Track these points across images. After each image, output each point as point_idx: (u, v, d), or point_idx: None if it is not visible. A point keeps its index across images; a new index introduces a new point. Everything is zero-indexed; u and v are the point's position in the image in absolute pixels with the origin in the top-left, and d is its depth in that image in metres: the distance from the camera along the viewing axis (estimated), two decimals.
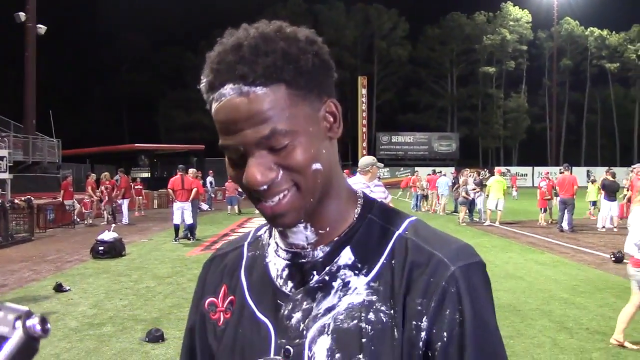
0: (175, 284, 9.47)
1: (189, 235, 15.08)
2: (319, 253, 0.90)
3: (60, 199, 19.97)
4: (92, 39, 63.09)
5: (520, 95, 69.30)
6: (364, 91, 57.93)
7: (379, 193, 6.89)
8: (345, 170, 27.89)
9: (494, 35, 67.27)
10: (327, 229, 0.90)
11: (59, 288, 8.90)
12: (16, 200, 16.39)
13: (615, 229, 16.60)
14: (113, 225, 15.20)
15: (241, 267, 0.99)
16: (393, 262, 0.86)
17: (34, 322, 0.62)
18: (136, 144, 36.92)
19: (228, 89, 0.80)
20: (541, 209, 19.02)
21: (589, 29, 68.88)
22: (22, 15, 26.42)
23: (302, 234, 0.89)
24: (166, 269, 10.94)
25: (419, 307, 0.82)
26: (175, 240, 14.70)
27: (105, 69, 63.34)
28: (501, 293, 8.30)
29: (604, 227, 16.98)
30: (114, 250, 12.42)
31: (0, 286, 9.52)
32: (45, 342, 6.26)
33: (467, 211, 19.83)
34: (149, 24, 63.90)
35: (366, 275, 0.86)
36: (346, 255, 0.88)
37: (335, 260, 0.89)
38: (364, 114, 58.21)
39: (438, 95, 69.22)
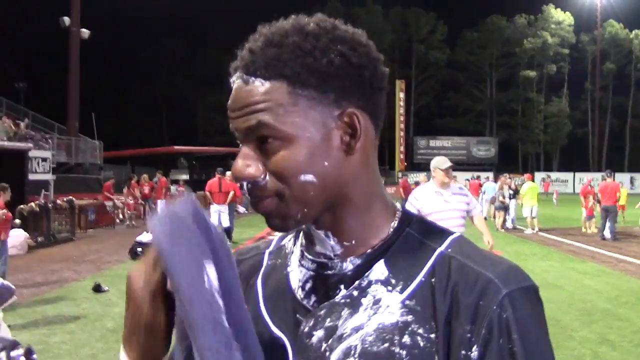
0: None
1: (225, 237, 15.17)
2: (349, 265, 0.81)
3: (102, 199, 20.44)
4: (134, 43, 64.37)
5: (561, 99, 68.00)
6: (402, 95, 57.68)
7: (455, 203, 5.59)
8: (402, 179, 27.62)
9: (534, 38, 66.23)
10: (353, 242, 0.82)
11: (97, 288, 9.05)
12: (58, 201, 16.76)
13: None
14: None
15: (259, 275, 0.91)
16: (433, 280, 0.77)
17: (18, 354, 0.61)
18: (175, 147, 37.44)
19: (235, 76, 0.79)
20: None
21: (633, 32, 67.24)
22: (66, 20, 27.06)
23: (327, 243, 0.82)
24: None
25: (469, 335, 0.73)
26: None
27: (146, 72, 64.59)
28: None
29: None
30: None
31: (41, 285, 9.73)
32: (83, 342, 6.38)
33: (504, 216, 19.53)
34: (190, 27, 64.93)
35: (401, 292, 0.77)
36: (379, 270, 0.80)
37: (367, 274, 0.80)
38: (402, 118, 57.95)
39: (477, 99, 68.45)
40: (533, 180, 21.55)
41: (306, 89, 0.76)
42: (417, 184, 25.58)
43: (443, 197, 5.49)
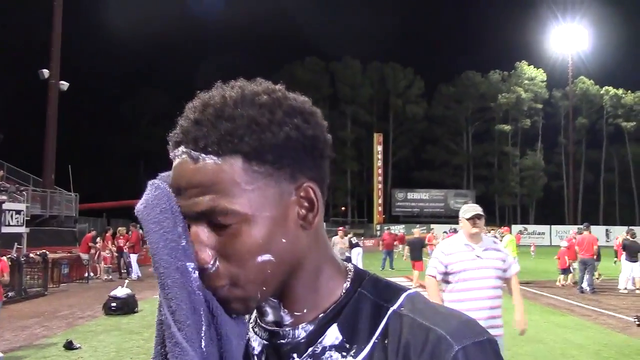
0: None
1: None
2: (301, 333, 0.78)
3: (81, 251, 20.13)
4: (112, 94, 64.72)
5: (536, 153, 69.29)
6: (380, 148, 58.41)
7: (489, 260, 4.54)
8: (385, 231, 27.18)
9: (509, 93, 67.84)
10: (305, 311, 0.79)
11: (69, 346, 8.77)
12: (31, 255, 16.40)
13: (637, 291, 16.20)
14: (126, 280, 15.10)
15: None
16: (386, 341, 0.74)
17: None
18: None
19: (180, 151, 0.73)
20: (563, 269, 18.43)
21: (604, 88, 69.27)
22: (45, 72, 27.08)
23: (278, 313, 0.79)
24: None
25: None
26: None
27: (125, 123, 64.68)
28: (522, 358, 8.04)
29: (625, 288, 16.58)
30: (127, 306, 12.28)
31: (11, 342, 9.40)
32: None
33: None
34: (169, 79, 65.52)
35: (355, 356, 0.75)
36: (332, 334, 0.77)
37: (320, 340, 0.77)
38: (380, 171, 58.48)
39: (454, 152, 69.44)
40: (511, 233, 21.66)
41: (262, 166, 0.71)
42: (454, 231, 25.06)
43: (475, 252, 4.53)
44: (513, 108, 68.26)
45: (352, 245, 20.94)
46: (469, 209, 4.72)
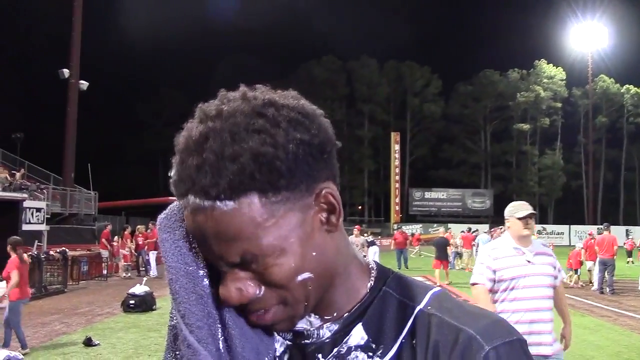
0: None
1: None
2: (326, 332, 0.77)
3: (101, 247, 20.33)
4: (132, 94, 65.22)
5: (555, 152, 68.62)
6: (397, 147, 58.29)
7: (541, 265, 3.87)
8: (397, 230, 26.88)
9: (527, 92, 67.25)
10: (335, 314, 0.78)
11: (88, 342, 8.87)
12: (51, 252, 16.59)
13: None
14: (145, 278, 15.21)
15: None
16: (414, 341, 0.73)
17: None
18: (171, 197, 37.28)
19: (191, 200, 0.68)
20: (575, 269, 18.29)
21: (624, 87, 68.44)
22: (65, 71, 27.33)
23: (306, 320, 0.78)
24: None
25: None
26: None
27: (143, 123, 65.14)
28: None
29: None
30: (145, 304, 12.37)
31: (31, 338, 9.50)
32: None
33: None
34: (186, 79, 65.89)
35: (382, 357, 0.74)
36: (358, 334, 0.75)
37: (346, 340, 0.76)
38: (397, 170, 58.40)
39: (471, 151, 69.02)
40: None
41: (279, 194, 0.68)
42: (469, 231, 24.75)
43: (525, 257, 3.88)
44: (532, 107, 67.69)
45: (368, 244, 20.97)
46: (520, 207, 4.09)
